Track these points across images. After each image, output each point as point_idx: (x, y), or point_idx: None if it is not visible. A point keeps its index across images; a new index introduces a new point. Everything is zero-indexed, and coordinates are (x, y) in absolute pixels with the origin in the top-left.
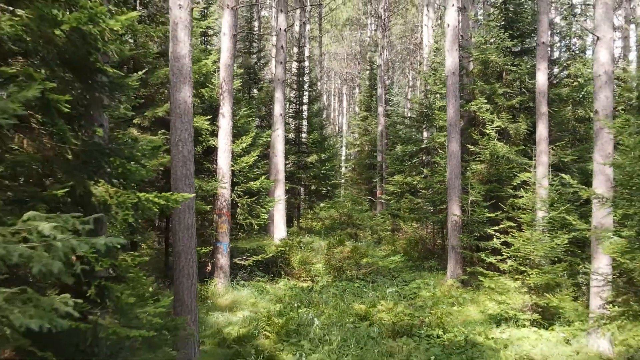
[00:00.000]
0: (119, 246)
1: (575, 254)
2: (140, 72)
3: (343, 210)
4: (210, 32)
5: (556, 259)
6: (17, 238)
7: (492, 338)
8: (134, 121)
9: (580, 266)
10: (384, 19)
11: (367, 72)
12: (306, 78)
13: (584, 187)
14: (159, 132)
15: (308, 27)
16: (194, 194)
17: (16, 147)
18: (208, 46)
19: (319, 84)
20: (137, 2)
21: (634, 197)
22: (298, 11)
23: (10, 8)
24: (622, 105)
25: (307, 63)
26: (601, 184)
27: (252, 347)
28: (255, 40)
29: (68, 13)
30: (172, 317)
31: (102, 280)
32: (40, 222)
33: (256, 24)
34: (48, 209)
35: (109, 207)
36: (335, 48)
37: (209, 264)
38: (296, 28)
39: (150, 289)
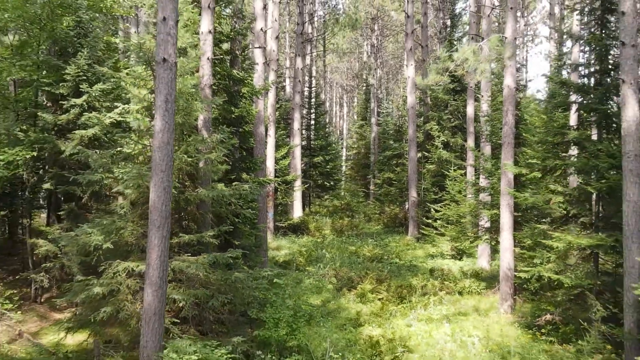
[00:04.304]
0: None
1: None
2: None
3: (343, 201)
4: None
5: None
6: (235, 190)
7: (426, 263)
8: None
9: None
10: (376, 46)
11: (364, 87)
12: (313, 101)
13: (473, 181)
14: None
15: (315, 52)
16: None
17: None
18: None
19: (322, 94)
20: None
21: (492, 184)
22: (309, 47)
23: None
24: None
25: (314, 87)
26: (483, 177)
27: (292, 264)
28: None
29: (235, 108)
30: (259, 237)
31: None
32: (243, 185)
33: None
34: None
35: (248, 183)
36: (337, 64)
37: None
38: (307, 60)
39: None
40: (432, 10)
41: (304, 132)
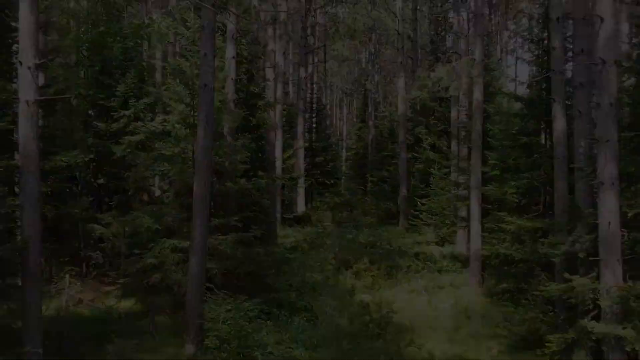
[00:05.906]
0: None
1: None
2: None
3: (343, 198)
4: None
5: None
6: (254, 184)
7: (413, 249)
8: None
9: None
10: (374, 54)
11: (362, 91)
12: (315, 106)
13: (455, 178)
14: None
15: (316, 59)
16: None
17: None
18: None
19: (323, 97)
20: None
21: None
22: (311, 57)
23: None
24: None
25: (315, 93)
26: (460, 175)
27: (298, 249)
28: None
29: (253, 117)
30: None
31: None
32: (259, 179)
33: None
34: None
35: (263, 179)
36: (337, 68)
37: None
38: (309, 69)
39: None
40: (426, 20)
41: (306, 134)
